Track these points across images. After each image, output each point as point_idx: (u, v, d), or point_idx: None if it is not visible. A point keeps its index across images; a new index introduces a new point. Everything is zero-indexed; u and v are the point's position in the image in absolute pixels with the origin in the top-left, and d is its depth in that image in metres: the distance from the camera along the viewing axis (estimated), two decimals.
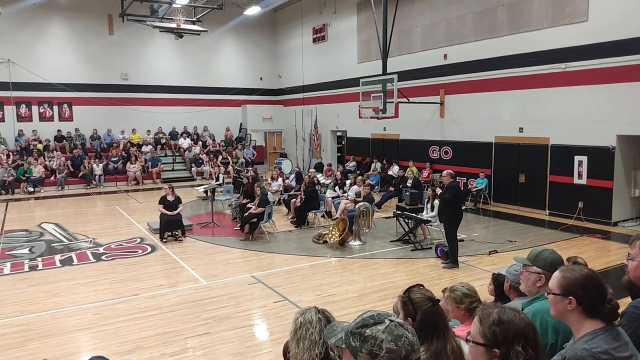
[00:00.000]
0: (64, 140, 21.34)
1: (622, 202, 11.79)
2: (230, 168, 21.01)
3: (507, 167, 14.06)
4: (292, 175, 15.97)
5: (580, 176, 12.13)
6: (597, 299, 2.06)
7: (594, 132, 11.73)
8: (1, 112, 20.67)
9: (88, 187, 19.35)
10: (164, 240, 10.50)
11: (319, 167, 18.93)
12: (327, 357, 2.15)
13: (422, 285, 2.48)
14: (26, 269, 8.76)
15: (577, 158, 12.15)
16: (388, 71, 15.34)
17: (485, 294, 3.78)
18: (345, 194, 13.05)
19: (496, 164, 14.46)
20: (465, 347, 2.41)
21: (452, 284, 3.39)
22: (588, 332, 2.06)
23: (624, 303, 2.81)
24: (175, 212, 10.73)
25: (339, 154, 22.89)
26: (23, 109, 21.10)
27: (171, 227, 10.68)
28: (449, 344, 2.23)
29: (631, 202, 12.04)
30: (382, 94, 14.85)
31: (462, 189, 12.65)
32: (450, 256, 8.60)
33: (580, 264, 3.47)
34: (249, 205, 11.52)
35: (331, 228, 10.36)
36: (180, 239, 10.66)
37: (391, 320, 1.51)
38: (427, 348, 2.23)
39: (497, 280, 3.58)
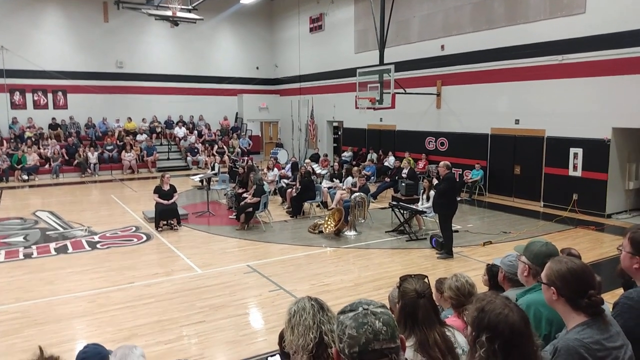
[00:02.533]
0: (59, 128, 21.20)
1: (616, 194, 11.85)
2: (226, 157, 20.97)
3: (502, 158, 14.09)
4: (288, 165, 15.97)
5: (575, 168, 12.18)
6: (576, 292, 2.09)
7: (590, 124, 11.76)
8: None
9: (83, 176, 19.29)
10: (159, 229, 10.50)
11: (315, 158, 18.91)
12: (322, 342, 2.16)
13: (426, 277, 2.49)
14: (21, 256, 8.74)
15: (572, 150, 12.20)
16: (385, 62, 15.27)
17: (480, 285, 3.81)
18: (341, 184, 13.06)
19: (492, 155, 14.49)
20: (459, 337, 2.44)
21: (457, 276, 3.38)
22: (579, 323, 2.08)
23: (616, 294, 2.85)
24: (171, 201, 10.72)
25: (335, 145, 22.87)
26: (17, 97, 20.92)
27: (166, 216, 10.67)
28: (430, 337, 2.25)
29: (625, 194, 12.11)
30: (378, 85, 14.81)
31: (457, 180, 12.70)
32: (444, 247, 8.64)
33: (574, 255, 3.50)
34: (244, 194, 11.52)
35: (327, 218, 10.39)
36: (175, 227, 10.65)
37: (365, 309, 1.51)
38: (414, 337, 2.28)
39: (491, 271, 3.59)
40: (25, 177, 18.16)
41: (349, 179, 12.75)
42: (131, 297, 6.73)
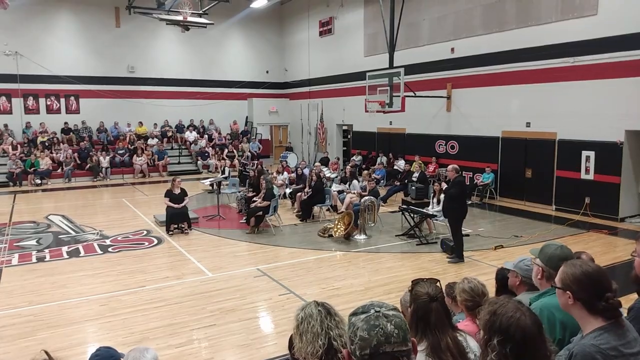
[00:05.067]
0: (71, 133, 21.43)
1: (629, 197, 11.71)
2: (236, 161, 21.04)
3: (513, 161, 13.99)
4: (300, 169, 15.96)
5: (587, 171, 12.05)
6: (593, 296, 2.06)
7: (602, 127, 11.64)
8: (9, 105, 20.78)
9: (95, 180, 19.46)
10: (170, 233, 10.55)
11: (325, 161, 18.91)
12: (331, 347, 2.16)
13: (438, 281, 2.47)
14: (34, 260, 8.83)
15: (584, 153, 12.07)
16: (395, 65, 15.27)
17: (491, 289, 3.78)
18: (348, 188, 13.02)
19: (503, 158, 14.38)
20: (471, 342, 2.42)
21: (467, 279, 3.35)
22: (596, 328, 2.05)
23: (631, 299, 2.81)
24: (182, 204, 10.77)
25: (345, 148, 22.87)
26: (30, 102, 21.20)
27: (177, 220, 10.73)
28: (442, 341, 2.24)
29: (638, 198, 11.94)
30: (388, 88, 14.81)
31: (467, 183, 12.62)
32: (455, 251, 8.59)
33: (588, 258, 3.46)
34: (254, 198, 11.54)
35: (336, 222, 10.38)
36: (186, 231, 10.70)
37: (377, 311, 1.52)
38: (426, 341, 2.26)
39: (499, 275, 3.56)
40: (38, 181, 18.36)
41: (355, 182, 12.72)
42: (142, 301, 6.76)
